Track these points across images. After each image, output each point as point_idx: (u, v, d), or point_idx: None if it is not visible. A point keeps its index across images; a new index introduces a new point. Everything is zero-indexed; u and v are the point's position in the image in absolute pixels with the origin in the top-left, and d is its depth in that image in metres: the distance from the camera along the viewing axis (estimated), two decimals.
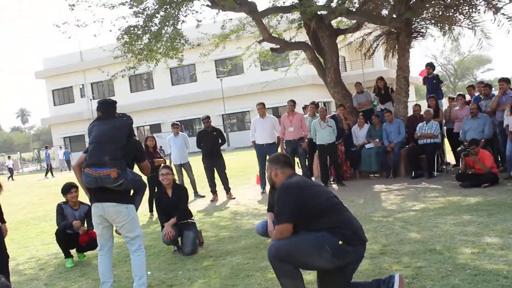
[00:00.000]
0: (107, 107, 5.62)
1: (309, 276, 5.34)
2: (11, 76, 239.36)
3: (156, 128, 47.94)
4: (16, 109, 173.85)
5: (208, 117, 12.86)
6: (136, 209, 5.62)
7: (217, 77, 43.19)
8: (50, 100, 55.00)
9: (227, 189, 12.70)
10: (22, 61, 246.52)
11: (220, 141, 12.64)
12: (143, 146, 11.14)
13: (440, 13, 14.10)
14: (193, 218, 7.89)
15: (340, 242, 4.32)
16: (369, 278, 5.14)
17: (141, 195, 5.64)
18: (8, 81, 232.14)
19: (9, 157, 44.52)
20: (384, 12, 14.74)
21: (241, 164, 20.44)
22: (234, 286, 5.58)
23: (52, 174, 34.65)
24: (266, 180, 12.65)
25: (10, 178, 36.66)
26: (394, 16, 13.48)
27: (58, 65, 52.71)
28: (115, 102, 5.74)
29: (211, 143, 12.54)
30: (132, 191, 5.61)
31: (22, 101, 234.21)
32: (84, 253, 8.02)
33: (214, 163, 12.59)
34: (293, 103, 13.18)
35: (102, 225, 5.59)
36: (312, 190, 4.58)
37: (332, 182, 13.04)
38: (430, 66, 15.02)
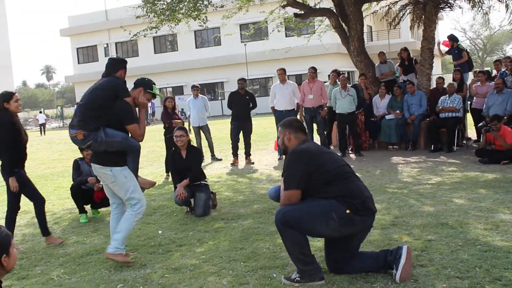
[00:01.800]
0: (108, 65, 5.56)
1: (318, 243, 5.33)
2: (36, 33, 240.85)
3: (178, 90, 47.99)
4: (41, 65, 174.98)
5: (244, 80, 12.74)
6: (134, 171, 5.53)
7: (241, 42, 42.89)
8: (75, 58, 55.21)
9: (248, 153, 12.65)
10: (47, 19, 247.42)
11: (251, 105, 12.55)
12: (163, 107, 11.23)
13: None
14: (206, 180, 7.90)
15: (348, 211, 4.30)
16: (378, 248, 5.12)
17: (134, 157, 5.50)
18: (33, 38, 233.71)
19: (40, 112, 44.33)
20: None
21: (261, 129, 20.40)
22: (243, 249, 5.60)
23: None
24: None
25: (43, 133, 36.75)
26: None
27: (83, 23, 52.77)
28: (120, 61, 5.63)
29: (242, 106, 12.45)
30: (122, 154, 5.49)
31: (47, 58, 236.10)
32: (98, 209, 8.11)
33: (242, 126, 12.49)
34: (314, 70, 13.05)
35: (104, 183, 5.70)
36: (323, 157, 4.54)
37: (350, 152, 12.97)
38: (451, 38, 14.71)
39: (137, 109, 5.58)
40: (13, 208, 6.50)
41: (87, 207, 7.98)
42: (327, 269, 4.67)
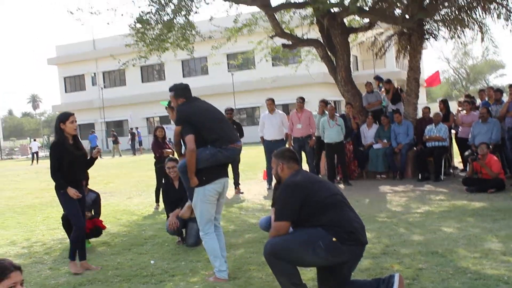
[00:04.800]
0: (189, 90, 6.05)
1: (310, 273, 5.38)
2: (23, 62, 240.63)
3: (166, 119, 47.98)
4: (28, 95, 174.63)
5: (231, 109, 12.77)
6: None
7: (229, 71, 43.17)
8: (62, 87, 55.18)
9: (237, 183, 12.65)
10: (34, 48, 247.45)
11: (238, 135, 12.55)
12: (153, 137, 11.29)
13: (452, 16, 14.07)
14: None
15: (334, 239, 4.36)
16: (370, 277, 5.18)
17: None
18: (20, 67, 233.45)
19: (34, 140, 43.73)
20: (397, 12, 14.72)
21: (249, 159, 20.45)
22: (236, 279, 5.63)
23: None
24: (273, 176, 12.79)
25: (36, 161, 35.91)
26: (407, 16, 13.46)
27: (70, 52, 52.88)
28: None
29: None
30: None
31: (34, 87, 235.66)
32: (89, 240, 8.08)
33: None
34: (302, 100, 13.21)
35: (221, 197, 5.92)
36: (315, 186, 4.61)
37: (338, 181, 13.05)
38: (377, 79, 15.34)
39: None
40: (79, 226, 6.48)
41: None
42: None
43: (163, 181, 8.77)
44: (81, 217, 6.53)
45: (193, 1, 13.53)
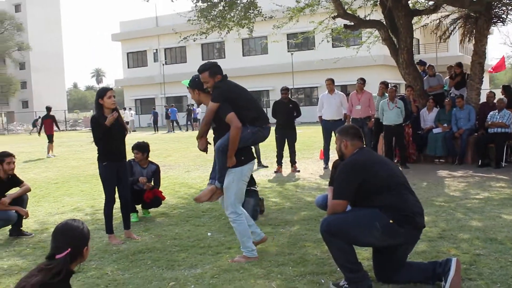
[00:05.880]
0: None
1: (366, 253, 5.36)
2: (88, 37, 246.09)
3: None
4: (92, 69, 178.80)
5: (287, 89, 12.81)
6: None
7: (288, 51, 43.03)
8: (125, 62, 56.33)
9: (293, 161, 12.71)
10: (99, 24, 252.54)
11: (295, 113, 12.64)
12: None
13: None
14: (256, 186, 8.00)
15: (391, 221, 4.33)
16: (426, 260, 5.11)
17: None
18: (85, 42, 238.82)
19: (130, 109, 43.94)
20: None
21: (306, 139, 20.43)
22: (290, 255, 5.66)
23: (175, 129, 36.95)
24: (329, 155, 12.74)
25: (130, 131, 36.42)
26: None
27: (134, 28, 53.85)
28: None
29: (286, 114, 12.55)
30: None
31: (98, 62, 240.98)
32: (149, 209, 8.27)
33: (286, 134, 12.59)
34: (362, 81, 13.08)
35: (248, 178, 5.73)
36: (375, 167, 4.57)
37: (396, 164, 12.87)
38: (421, 63, 15.08)
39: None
40: (110, 200, 6.75)
41: (138, 207, 8.16)
42: (375, 277, 4.70)
43: None
44: (114, 192, 6.73)
45: None
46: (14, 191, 7.28)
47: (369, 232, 4.38)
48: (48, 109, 21.26)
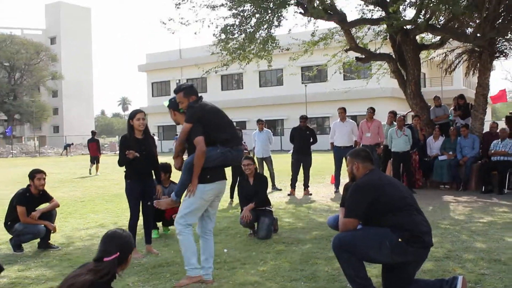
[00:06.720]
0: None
1: (375, 270, 5.27)
2: (116, 68, 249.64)
3: (241, 125, 48.25)
4: (119, 97, 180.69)
5: (306, 117, 12.96)
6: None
7: (302, 83, 43.16)
8: (149, 91, 56.82)
9: (306, 185, 12.64)
10: (127, 55, 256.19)
11: (311, 140, 12.63)
12: None
13: None
14: (271, 206, 7.95)
15: (400, 240, 4.27)
16: (432, 278, 5.01)
17: None
18: (113, 72, 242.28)
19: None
20: (469, 30, 14.28)
21: (317, 164, 20.28)
22: (303, 271, 5.59)
23: None
24: (340, 180, 12.66)
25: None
26: (478, 35, 13.03)
27: (159, 60, 54.44)
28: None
29: (303, 140, 12.55)
30: None
31: (124, 91, 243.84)
32: (169, 227, 8.23)
33: (302, 159, 12.55)
34: (372, 110, 13.07)
35: (217, 199, 5.50)
36: (386, 188, 4.52)
37: None
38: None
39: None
40: (134, 216, 6.79)
41: (159, 224, 8.13)
42: None
43: (238, 178, 8.85)
44: (137, 208, 6.78)
45: (274, 16, 13.59)
46: (43, 206, 7.30)
47: (378, 249, 4.33)
48: (93, 133, 21.40)
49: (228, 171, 10.49)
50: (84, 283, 3.17)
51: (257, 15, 13.38)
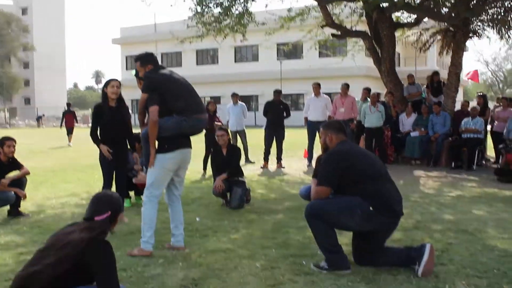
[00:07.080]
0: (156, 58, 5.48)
1: (345, 239, 5.33)
2: (90, 40, 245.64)
3: (216, 100, 47.96)
4: (92, 70, 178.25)
5: (280, 91, 12.96)
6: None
7: (278, 59, 43.05)
8: (123, 64, 56.11)
9: (279, 158, 12.69)
10: (101, 28, 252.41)
11: (285, 114, 12.65)
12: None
13: (499, 16, 13.65)
14: (243, 177, 7.96)
15: (371, 208, 4.35)
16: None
17: None
18: (87, 45, 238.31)
19: None
20: (444, 10, 14.36)
21: (291, 139, 20.34)
22: (274, 239, 5.63)
23: None
24: (313, 154, 12.73)
25: None
26: (453, 14, 13.12)
27: (133, 34, 53.72)
28: None
29: (276, 114, 12.57)
30: None
31: (98, 64, 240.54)
32: (141, 196, 8.17)
33: (275, 133, 12.59)
34: (346, 86, 13.15)
35: (184, 167, 5.43)
36: (359, 157, 4.59)
37: None
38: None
39: None
40: (107, 183, 6.87)
41: (131, 194, 8.09)
42: (354, 261, 4.68)
43: (212, 149, 8.84)
44: (110, 175, 6.87)
45: None
46: (14, 174, 7.20)
47: (350, 217, 4.39)
48: (68, 105, 21.32)
49: (202, 143, 10.48)
50: (81, 240, 3.18)
51: None
